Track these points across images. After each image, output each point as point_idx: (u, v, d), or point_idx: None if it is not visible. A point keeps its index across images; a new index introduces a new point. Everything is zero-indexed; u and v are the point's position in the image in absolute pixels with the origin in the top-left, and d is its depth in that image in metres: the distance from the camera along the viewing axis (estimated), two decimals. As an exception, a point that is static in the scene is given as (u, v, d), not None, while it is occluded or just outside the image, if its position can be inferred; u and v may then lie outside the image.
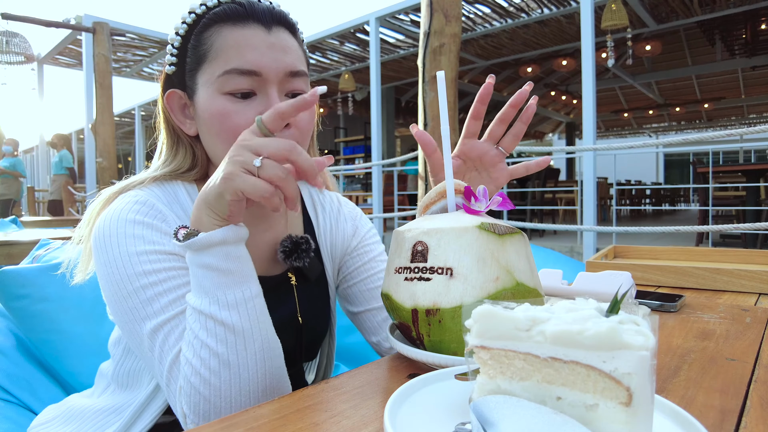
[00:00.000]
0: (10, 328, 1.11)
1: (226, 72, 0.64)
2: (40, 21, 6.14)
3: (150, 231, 0.64)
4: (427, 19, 2.49)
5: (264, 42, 0.65)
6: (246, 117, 0.65)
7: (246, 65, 0.64)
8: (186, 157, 0.74)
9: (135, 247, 0.62)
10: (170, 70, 0.71)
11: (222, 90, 0.65)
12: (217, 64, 0.65)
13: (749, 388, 0.52)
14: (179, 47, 0.69)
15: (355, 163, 11.11)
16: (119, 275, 0.61)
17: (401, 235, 0.61)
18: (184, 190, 0.72)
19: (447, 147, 0.65)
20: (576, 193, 6.95)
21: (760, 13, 6.82)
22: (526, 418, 0.32)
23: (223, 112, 0.65)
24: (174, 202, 0.70)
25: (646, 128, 16.64)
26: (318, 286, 0.81)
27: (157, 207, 0.67)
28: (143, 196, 0.67)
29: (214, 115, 0.66)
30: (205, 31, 0.67)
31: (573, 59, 8.47)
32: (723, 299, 0.97)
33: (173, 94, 0.71)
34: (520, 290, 0.55)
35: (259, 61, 0.64)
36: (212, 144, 0.69)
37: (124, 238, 0.63)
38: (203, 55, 0.66)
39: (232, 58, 0.64)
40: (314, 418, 0.46)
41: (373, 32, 6.75)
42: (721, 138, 3.62)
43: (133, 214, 0.64)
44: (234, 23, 0.65)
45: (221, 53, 0.65)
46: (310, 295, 0.78)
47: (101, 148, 5.92)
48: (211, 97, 0.66)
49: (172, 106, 0.72)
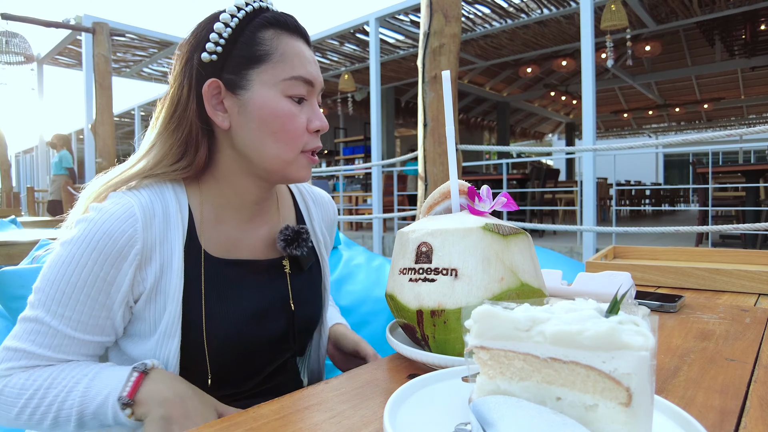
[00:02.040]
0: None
1: (293, 78, 0.70)
2: (40, 21, 6.14)
3: (116, 257, 0.65)
4: (427, 19, 2.49)
5: (312, 57, 0.74)
6: (301, 122, 0.72)
7: (308, 75, 0.72)
8: (195, 155, 0.72)
9: (94, 267, 0.64)
10: (207, 59, 0.70)
11: (285, 93, 0.70)
12: (283, 68, 0.70)
13: (749, 388, 0.52)
14: (228, 38, 0.69)
15: (354, 163, 11.11)
16: (67, 269, 0.64)
17: (405, 236, 0.61)
18: (172, 193, 0.72)
19: (451, 147, 0.65)
20: (576, 194, 6.95)
21: (759, 14, 6.83)
22: (526, 418, 0.32)
23: (287, 113, 0.70)
24: (158, 206, 0.70)
25: (646, 128, 16.64)
26: (311, 275, 0.84)
27: (135, 214, 0.67)
28: (130, 201, 0.67)
29: (278, 114, 0.70)
30: (260, 31, 0.70)
31: (573, 60, 8.47)
32: (723, 300, 0.98)
33: (215, 83, 0.70)
34: (524, 290, 0.55)
35: (314, 74, 0.73)
36: (259, 141, 0.70)
37: (92, 250, 0.64)
38: (264, 54, 0.70)
39: (298, 66, 0.71)
40: (314, 418, 0.46)
41: (372, 32, 6.75)
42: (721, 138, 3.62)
43: (117, 224, 0.65)
44: (290, 34, 0.72)
45: (287, 59, 0.70)
46: (302, 283, 0.82)
47: (101, 148, 5.91)
48: (275, 97, 0.70)
49: (208, 95, 0.71)
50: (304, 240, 0.79)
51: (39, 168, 12.11)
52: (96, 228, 0.65)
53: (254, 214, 0.78)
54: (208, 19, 0.72)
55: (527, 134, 16.27)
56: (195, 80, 0.71)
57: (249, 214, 0.77)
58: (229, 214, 0.76)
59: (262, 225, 0.79)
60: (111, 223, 0.65)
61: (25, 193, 8.92)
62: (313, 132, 0.73)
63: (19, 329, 0.65)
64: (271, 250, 0.80)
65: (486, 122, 14.10)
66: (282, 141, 0.70)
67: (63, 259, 0.64)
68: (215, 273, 0.72)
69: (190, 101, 0.71)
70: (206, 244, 0.73)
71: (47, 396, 0.63)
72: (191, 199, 0.74)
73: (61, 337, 0.65)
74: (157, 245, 0.68)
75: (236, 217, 0.76)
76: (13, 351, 0.65)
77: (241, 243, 0.77)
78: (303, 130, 0.72)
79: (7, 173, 9.82)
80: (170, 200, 0.71)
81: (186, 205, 0.72)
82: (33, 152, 15.45)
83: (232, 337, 0.71)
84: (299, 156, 0.72)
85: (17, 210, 8.10)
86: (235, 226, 0.76)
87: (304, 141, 0.72)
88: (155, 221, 0.69)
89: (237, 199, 0.75)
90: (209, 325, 0.70)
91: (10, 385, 0.64)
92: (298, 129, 0.71)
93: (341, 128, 12.60)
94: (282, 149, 0.71)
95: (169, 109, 0.73)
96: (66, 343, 0.65)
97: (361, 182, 9.98)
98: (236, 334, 0.72)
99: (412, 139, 13.66)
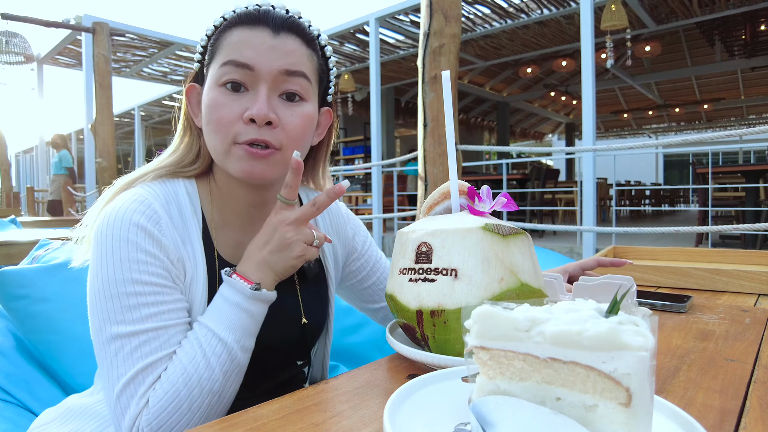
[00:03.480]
0: (10, 328, 1.11)
1: (223, 64, 0.68)
2: (40, 21, 6.14)
3: (149, 240, 0.65)
4: (427, 19, 2.49)
5: (265, 43, 0.68)
6: (232, 110, 0.67)
7: (241, 58, 0.67)
8: (191, 148, 0.77)
9: (131, 254, 0.63)
10: (196, 68, 0.77)
11: (218, 81, 0.68)
12: (220, 59, 0.69)
13: (749, 388, 0.52)
14: (204, 46, 0.74)
15: (354, 163, 11.11)
16: (109, 275, 0.62)
17: (405, 236, 0.61)
18: (184, 190, 0.73)
19: (451, 147, 0.65)
20: (575, 194, 6.95)
21: (759, 14, 6.83)
22: (526, 418, 0.32)
23: (214, 102, 0.68)
24: (172, 202, 0.71)
25: (646, 129, 16.65)
26: (317, 285, 0.83)
27: (154, 207, 0.68)
28: (143, 195, 0.68)
29: (207, 105, 0.69)
30: (224, 32, 0.71)
31: (572, 60, 8.47)
32: (722, 300, 0.98)
33: (192, 87, 0.76)
34: (524, 291, 0.55)
35: (255, 58, 0.67)
36: (205, 133, 0.72)
37: (125, 241, 0.64)
38: (214, 52, 0.71)
39: (232, 52, 0.68)
40: (314, 418, 0.46)
41: (372, 33, 6.75)
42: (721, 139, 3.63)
43: (137, 216, 0.65)
44: (245, 25, 0.69)
45: (227, 48, 0.69)
46: (309, 294, 0.80)
47: (101, 148, 5.91)
48: (209, 88, 0.70)
49: (191, 99, 0.77)
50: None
51: (39, 168, 12.11)
52: (126, 203, 0.66)
53: (255, 219, 0.77)
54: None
55: (527, 134, 16.27)
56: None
57: (249, 218, 0.77)
58: (232, 216, 0.76)
59: None
60: (137, 204, 0.66)
61: (25, 193, 8.92)
62: (248, 121, 0.66)
63: (114, 356, 0.61)
64: None
65: (486, 122, 14.10)
66: (213, 132, 0.68)
67: (100, 264, 0.63)
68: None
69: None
70: (218, 245, 0.74)
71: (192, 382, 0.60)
72: (202, 200, 0.75)
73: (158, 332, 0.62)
74: (177, 238, 0.68)
75: (238, 221, 0.77)
76: (132, 379, 0.60)
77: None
78: (232, 120, 0.66)
79: (7, 173, 9.83)
80: (183, 198, 0.73)
81: (198, 205, 0.74)
82: (33, 152, 15.45)
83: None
84: (233, 147, 0.67)
85: (17, 210, 8.11)
86: (240, 230, 0.76)
87: (234, 131, 0.66)
88: (174, 216, 0.70)
89: (233, 202, 0.76)
90: None
91: (157, 398, 0.59)
92: (224, 118, 0.66)
93: (341, 128, 12.60)
94: (214, 140, 0.68)
95: (183, 115, 0.78)
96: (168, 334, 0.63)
97: (361, 182, 9.98)
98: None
99: (412, 139, 13.66)
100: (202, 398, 0.61)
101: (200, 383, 0.60)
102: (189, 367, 0.60)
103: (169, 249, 0.66)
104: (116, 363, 0.60)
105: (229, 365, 0.63)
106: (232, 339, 0.63)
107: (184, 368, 0.60)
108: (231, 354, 0.63)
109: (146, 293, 0.63)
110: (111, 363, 0.61)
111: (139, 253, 0.63)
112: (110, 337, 0.61)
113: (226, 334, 0.63)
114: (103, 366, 0.62)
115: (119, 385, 0.59)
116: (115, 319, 0.61)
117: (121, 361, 0.60)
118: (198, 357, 0.61)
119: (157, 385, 0.60)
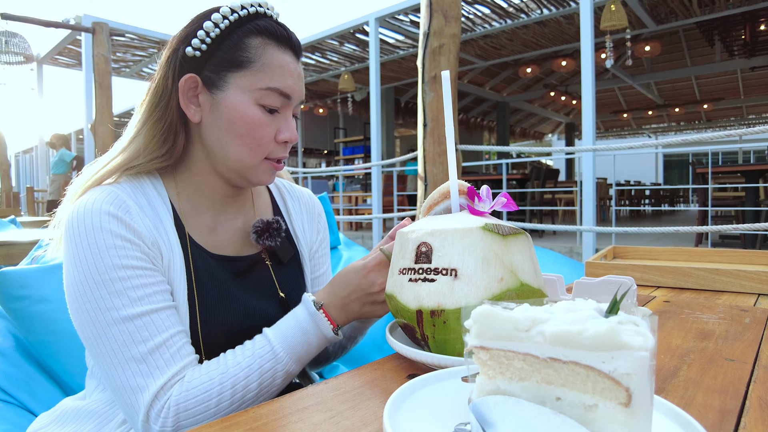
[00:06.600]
0: (9, 329, 1.10)
1: (269, 88, 0.72)
2: (40, 21, 6.13)
3: (122, 227, 0.66)
4: (427, 19, 2.49)
5: (295, 71, 0.75)
6: (270, 131, 0.73)
7: (285, 89, 0.73)
8: (167, 140, 0.74)
9: (108, 240, 0.64)
10: (191, 53, 0.72)
11: (258, 101, 0.72)
12: (261, 78, 0.71)
13: (748, 388, 0.52)
14: (214, 38, 0.71)
15: (354, 163, 11.11)
16: (89, 265, 0.63)
17: (405, 236, 0.61)
18: (151, 186, 0.75)
19: (451, 147, 0.65)
20: (575, 194, 6.95)
21: (759, 14, 6.83)
22: (526, 418, 0.32)
23: (256, 121, 0.72)
24: (139, 193, 0.73)
25: (646, 129, 16.65)
26: (292, 267, 0.86)
27: (122, 198, 0.69)
28: (109, 188, 0.70)
29: (245, 120, 0.71)
30: (248, 37, 0.71)
31: (572, 60, 8.47)
32: (722, 300, 0.98)
33: (192, 78, 0.72)
34: (524, 291, 0.55)
35: (293, 88, 0.74)
36: (225, 141, 0.73)
37: (98, 230, 0.64)
38: (246, 61, 0.71)
39: (277, 78, 0.72)
40: (314, 418, 0.46)
41: (372, 33, 6.75)
42: (720, 139, 3.63)
43: (107, 206, 0.66)
44: (278, 45, 0.73)
45: (267, 69, 0.72)
46: (285, 275, 0.84)
47: (101, 148, 5.91)
48: (246, 103, 0.71)
49: (185, 88, 0.73)
50: (275, 230, 0.80)
51: (39, 168, 12.10)
52: (96, 195, 0.67)
53: (227, 206, 0.81)
54: (201, 15, 0.73)
55: (527, 134, 16.27)
56: (177, 72, 0.73)
57: (222, 206, 0.80)
58: (204, 205, 0.78)
59: (237, 216, 0.82)
60: (106, 195, 0.68)
61: (25, 193, 8.91)
62: (281, 143, 0.75)
63: (124, 335, 0.62)
64: (250, 246, 0.82)
65: (486, 122, 14.10)
66: (246, 145, 0.72)
67: (78, 256, 0.64)
68: (202, 260, 0.74)
69: (173, 92, 0.73)
70: (190, 230, 0.75)
71: (242, 388, 0.65)
72: (169, 191, 0.76)
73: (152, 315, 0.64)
74: (149, 224, 0.70)
75: (210, 208, 0.79)
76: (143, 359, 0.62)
77: (219, 233, 0.79)
78: (269, 140, 0.73)
79: (6, 173, 9.82)
80: (150, 191, 0.74)
81: (166, 196, 0.75)
82: (33, 152, 15.44)
83: (226, 327, 0.73)
84: (262, 162, 0.74)
85: (17, 210, 8.10)
86: (211, 217, 0.79)
87: (269, 149, 0.74)
88: (143, 206, 0.71)
89: (209, 191, 0.78)
90: (203, 312, 0.71)
91: (192, 385, 0.63)
92: (264, 137, 0.73)
93: (341, 128, 12.60)
94: (245, 153, 0.73)
95: (154, 98, 0.75)
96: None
97: (361, 182, 9.98)
98: (229, 324, 0.74)
99: (412, 139, 13.66)
100: (232, 401, 0.64)
101: (231, 388, 0.64)
102: (232, 368, 0.65)
103: (142, 234, 0.68)
104: (119, 349, 0.62)
105: (269, 383, 0.67)
106: (287, 358, 0.68)
107: (226, 367, 0.64)
108: (275, 370, 0.68)
109: (130, 277, 0.64)
110: (113, 350, 0.62)
111: (114, 239, 0.65)
112: (105, 323, 0.62)
113: (283, 353, 0.68)
114: (103, 354, 0.62)
115: (133, 364, 0.61)
116: (105, 306, 0.62)
117: (123, 345, 0.61)
118: (243, 363, 0.66)
119: (199, 369, 0.64)
